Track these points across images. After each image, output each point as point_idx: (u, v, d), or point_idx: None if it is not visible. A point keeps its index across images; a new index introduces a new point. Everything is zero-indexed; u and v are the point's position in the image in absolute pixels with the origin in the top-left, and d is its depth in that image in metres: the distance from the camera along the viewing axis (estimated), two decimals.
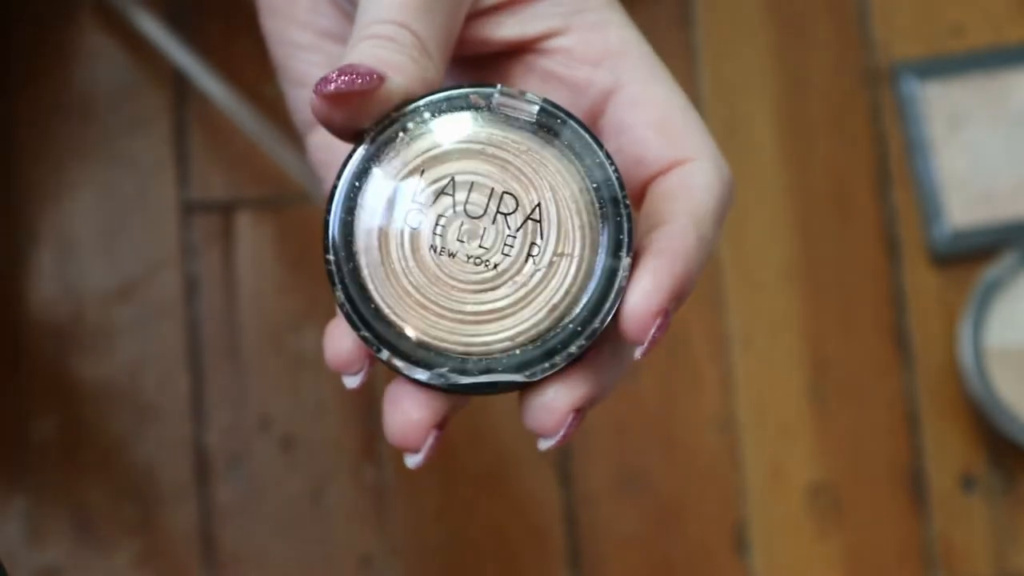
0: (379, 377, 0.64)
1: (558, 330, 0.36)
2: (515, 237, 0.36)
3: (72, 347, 0.63)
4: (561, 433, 0.36)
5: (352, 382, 0.37)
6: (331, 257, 0.36)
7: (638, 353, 0.35)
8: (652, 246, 0.36)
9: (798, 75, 0.67)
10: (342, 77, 0.36)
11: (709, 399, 0.64)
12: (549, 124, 0.36)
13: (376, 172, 0.36)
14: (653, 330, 0.35)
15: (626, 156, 0.37)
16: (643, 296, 0.35)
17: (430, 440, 0.37)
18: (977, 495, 0.64)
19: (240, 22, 0.64)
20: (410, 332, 0.36)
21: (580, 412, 0.36)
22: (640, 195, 0.38)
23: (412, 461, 0.37)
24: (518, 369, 0.36)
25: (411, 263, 0.36)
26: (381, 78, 0.36)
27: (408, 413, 0.37)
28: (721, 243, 0.65)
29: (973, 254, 0.65)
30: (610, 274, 0.36)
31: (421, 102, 0.36)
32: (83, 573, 0.61)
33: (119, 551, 0.62)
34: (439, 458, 0.64)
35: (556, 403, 0.36)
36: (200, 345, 0.63)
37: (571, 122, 0.36)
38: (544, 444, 0.37)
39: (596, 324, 0.36)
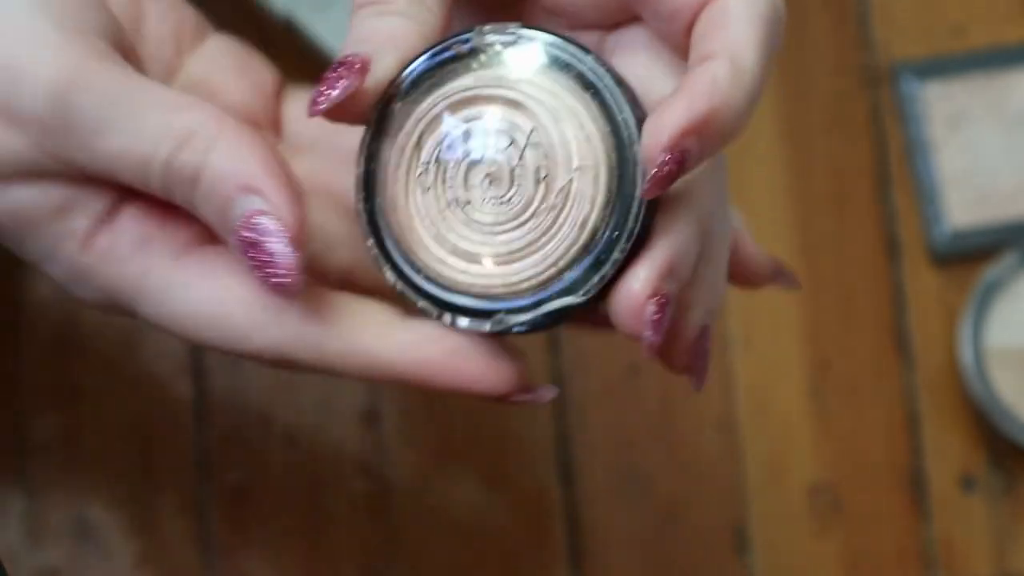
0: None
1: (597, 242, 0.36)
2: (523, 169, 0.36)
3: (72, 347, 0.63)
4: (650, 320, 0.35)
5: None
6: (370, 243, 0.37)
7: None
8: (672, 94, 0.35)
9: (798, 75, 0.67)
10: (326, 92, 0.35)
11: (709, 399, 0.64)
12: (534, 48, 0.37)
13: (385, 151, 0.37)
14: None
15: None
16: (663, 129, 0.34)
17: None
18: (977, 495, 0.64)
19: (241, 24, 0.64)
20: (459, 286, 0.37)
21: (665, 298, 0.35)
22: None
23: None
24: (570, 292, 0.36)
25: (438, 223, 0.36)
26: (364, 68, 0.35)
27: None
28: None
29: (973, 254, 0.65)
30: (632, 167, 0.36)
31: (409, 71, 0.37)
32: (83, 573, 0.62)
33: (119, 551, 0.62)
34: (439, 458, 0.64)
35: (631, 289, 0.35)
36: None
37: (546, 35, 0.37)
38: (645, 340, 0.35)
39: (631, 224, 0.36)
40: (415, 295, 0.37)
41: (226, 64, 0.42)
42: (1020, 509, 0.64)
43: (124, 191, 0.37)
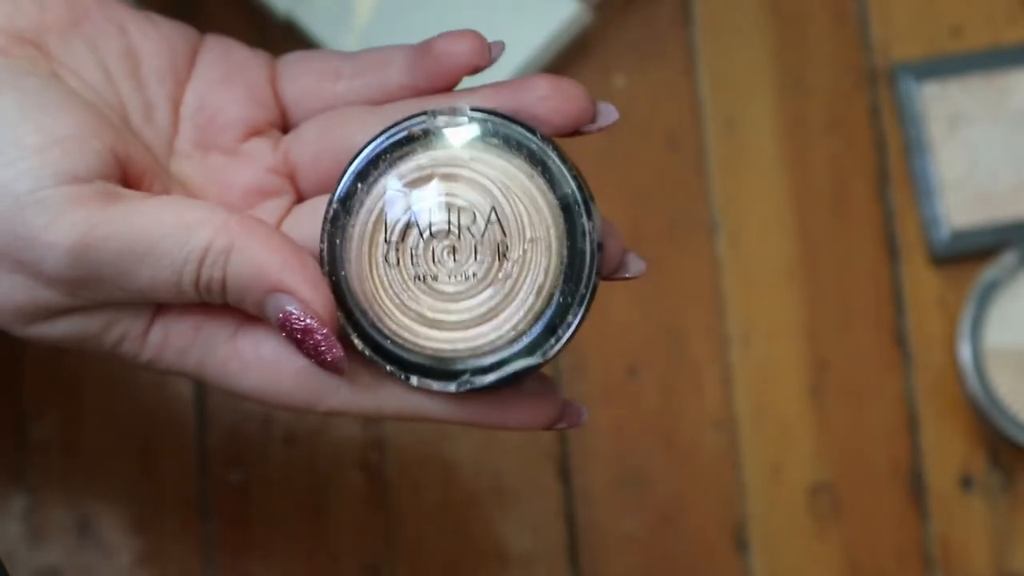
0: None
1: (551, 306, 0.39)
2: (482, 243, 0.39)
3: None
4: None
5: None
6: (339, 313, 0.40)
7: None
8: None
9: (797, 75, 0.67)
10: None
11: (708, 399, 0.64)
12: (483, 129, 0.39)
13: (348, 227, 0.40)
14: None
15: None
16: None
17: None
18: (976, 495, 0.64)
19: (241, 24, 0.64)
20: (426, 350, 0.39)
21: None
22: None
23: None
24: (529, 353, 0.39)
25: (402, 295, 0.39)
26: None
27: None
28: (720, 242, 0.66)
29: (972, 254, 0.65)
30: (581, 237, 0.39)
31: (368, 152, 0.40)
32: (84, 573, 0.61)
33: (120, 551, 0.62)
34: (439, 457, 0.64)
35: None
36: None
37: (493, 118, 0.39)
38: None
39: (583, 290, 0.39)
40: (383, 360, 0.39)
41: (218, 77, 0.43)
42: (1019, 508, 0.64)
43: None
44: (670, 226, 0.65)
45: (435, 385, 0.39)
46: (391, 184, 0.39)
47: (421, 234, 0.39)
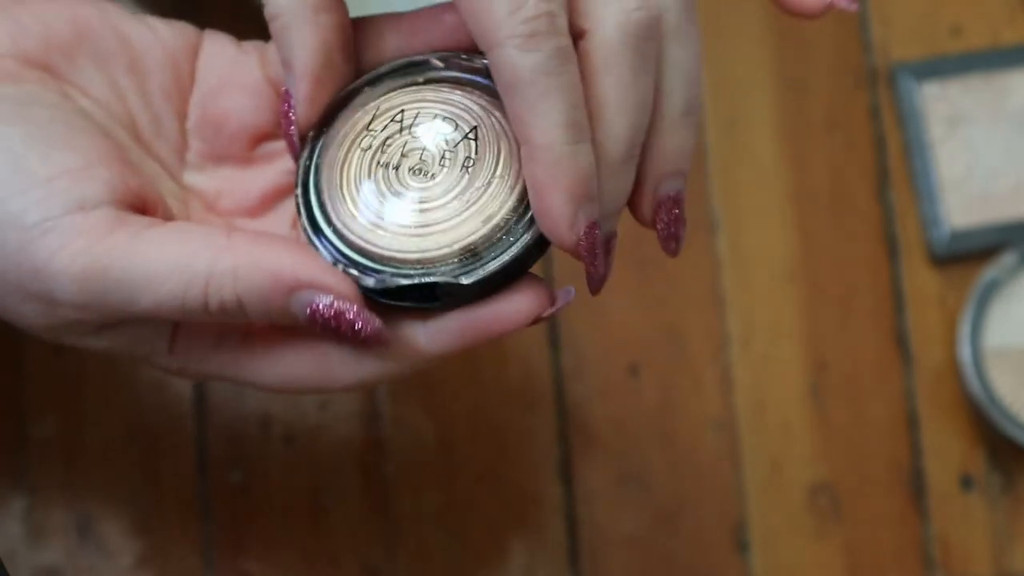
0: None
1: (495, 241, 0.39)
2: (454, 152, 0.39)
3: (72, 347, 0.63)
4: (586, 252, 0.38)
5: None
6: (297, 191, 0.40)
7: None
8: None
9: (797, 76, 0.67)
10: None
11: (708, 398, 0.64)
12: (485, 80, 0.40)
13: (339, 123, 0.41)
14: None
15: None
16: None
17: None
18: (976, 495, 0.64)
19: (242, 23, 0.64)
20: (357, 242, 0.40)
21: (592, 227, 0.38)
22: None
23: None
24: (455, 274, 0.39)
25: (361, 187, 0.40)
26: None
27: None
28: (720, 242, 0.66)
29: (972, 254, 0.65)
30: None
31: (387, 67, 0.42)
32: (84, 573, 0.61)
33: (120, 551, 0.62)
34: (439, 458, 0.64)
35: (554, 229, 0.38)
36: None
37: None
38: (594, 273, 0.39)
39: (527, 237, 0.39)
40: (318, 239, 0.40)
41: (216, 85, 0.43)
42: (1019, 508, 0.64)
43: None
44: None
45: (353, 271, 0.39)
46: (391, 96, 0.40)
47: (401, 131, 0.40)
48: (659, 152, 0.39)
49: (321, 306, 0.38)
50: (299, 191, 0.40)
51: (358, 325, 0.38)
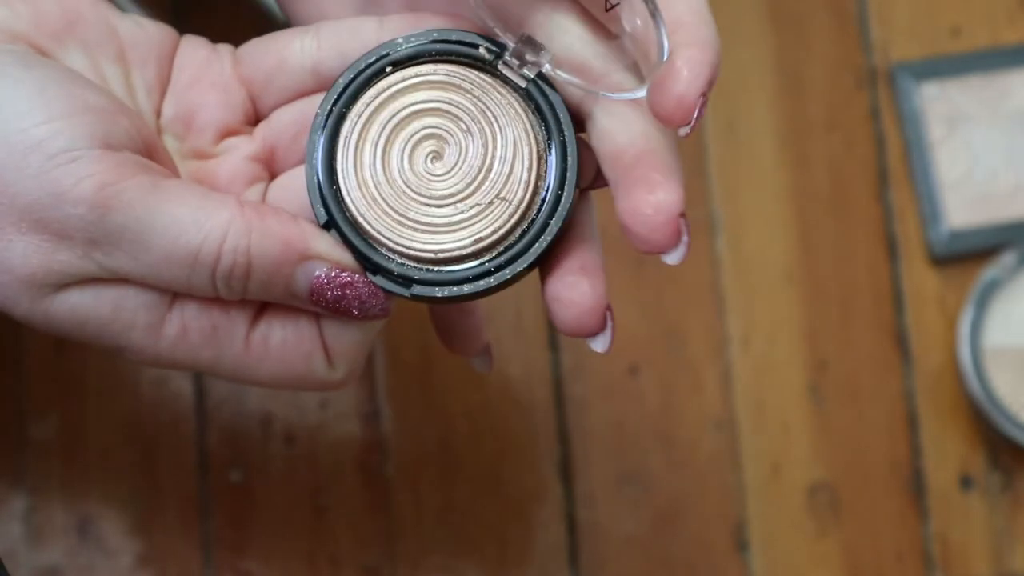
0: (379, 363, 0.64)
1: (477, 258, 0.39)
2: (467, 157, 0.39)
3: (72, 347, 0.63)
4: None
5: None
6: (309, 166, 0.40)
7: (684, 132, 0.39)
8: (678, 45, 0.38)
9: (797, 75, 0.67)
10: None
11: (708, 398, 0.64)
12: (533, 91, 0.40)
13: (365, 95, 0.40)
14: (696, 112, 0.38)
15: None
16: (687, 84, 0.38)
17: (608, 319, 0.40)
18: (975, 495, 0.64)
19: (243, 24, 0.64)
20: (373, 235, 0.40)
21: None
22: None
23: (602, 344, 0.40)
24: (430, 278, 0.40)
25: (384, 185, 0.40)
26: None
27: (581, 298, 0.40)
28: (720, 242, 0.66)
29: (971, 254, 0.65)
30: (560, 208, 0.40)
31: (419, 43, 0.41)
32: (84, 573, 0.61)
33: (120, 551, 0.62)
34: (439, 458, 0.64)
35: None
36: None
37: (553, 95, 0.40)
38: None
39: (538, 246, 0.40)
40: (321, 205, 0.40)
41: (187, 82, 0.43)
42: (1018, 508, 0.64)
43: None
44: None
45: (342, 251, 0.39)
46: (419, 76, 0.40)
47: (423, 130, 0.40)
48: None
49: (329, 276, 0.39)
50: (310, 167, 0.40)
51: (365, 296, 0.39)
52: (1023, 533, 0.64)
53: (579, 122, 0.40)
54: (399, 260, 0.39)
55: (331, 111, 0.40)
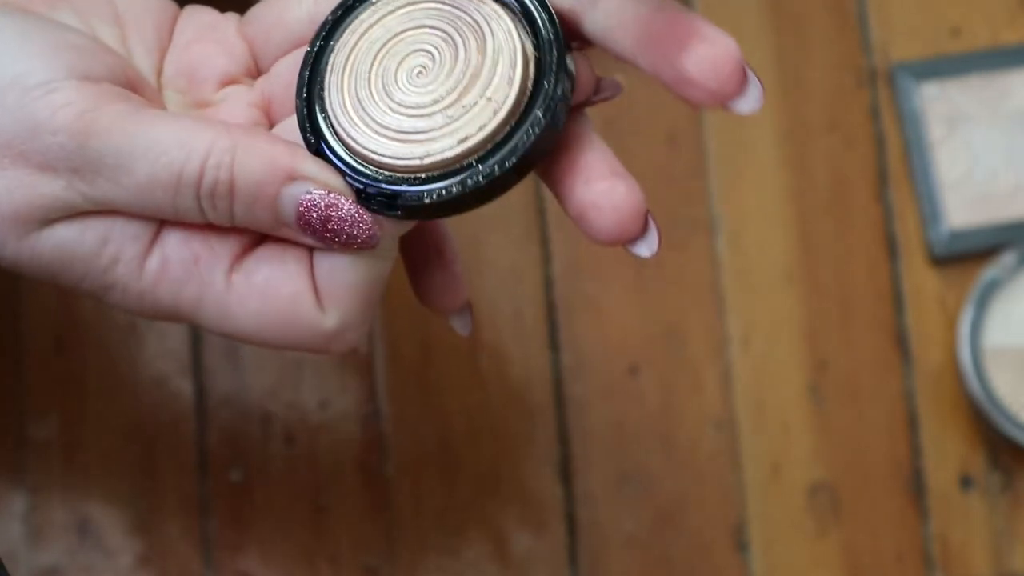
0: (379, 363, 0.64)
1: (464, 166, 0.38)
2: (454, 68, 0.39)
3: (72, 347, 0.63)
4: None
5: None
6: (310, 138, 0.40)
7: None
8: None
9: (797, 75, 0.67)
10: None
11: (708, 398, 0.64)
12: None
13: (361, 10, 0.41)
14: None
15: None
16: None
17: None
18: (975, 495, 0.64)
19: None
20: (353, 147, 0.39)
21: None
22: None
23: (648, 247, 0.40)
24: (417, 189, 0.39)
25: (370, 103, 0.39)
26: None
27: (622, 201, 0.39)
28: (720, 242, 0.66)
29: (971, 254, 0.65)
30: (539, 108, 0.39)
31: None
32: (84, 573, 0.61)
33: (120, 551, 0.62)
34: (439, 458, 0.64)
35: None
36: (201, 344, 0.63)
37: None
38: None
39: (498, 169, 0.38)
40: (306, 126, 0.39)
41: (190, 38, 0.43)
42: (1018, 508, 0.64)
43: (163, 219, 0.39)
44: (670, 226, 0.65)
45: (343, 168, 0.39)
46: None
47: (407, 37, 0.40)
48: None
49: (315, 197, 0.38)
50: (299, 100, 0.40)
51: (352, 219, 0.38)
52: (1023, 533, 0.64)
53: (571, 31, 0.40)
54: (387, 173, 0.38)
55: (319, 46, 0.40)
